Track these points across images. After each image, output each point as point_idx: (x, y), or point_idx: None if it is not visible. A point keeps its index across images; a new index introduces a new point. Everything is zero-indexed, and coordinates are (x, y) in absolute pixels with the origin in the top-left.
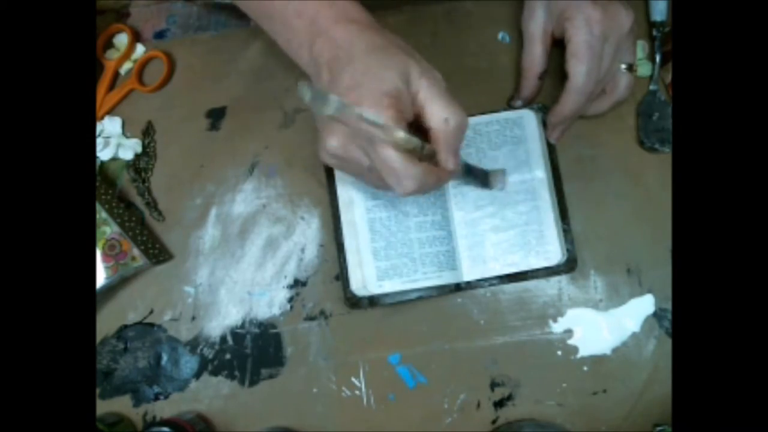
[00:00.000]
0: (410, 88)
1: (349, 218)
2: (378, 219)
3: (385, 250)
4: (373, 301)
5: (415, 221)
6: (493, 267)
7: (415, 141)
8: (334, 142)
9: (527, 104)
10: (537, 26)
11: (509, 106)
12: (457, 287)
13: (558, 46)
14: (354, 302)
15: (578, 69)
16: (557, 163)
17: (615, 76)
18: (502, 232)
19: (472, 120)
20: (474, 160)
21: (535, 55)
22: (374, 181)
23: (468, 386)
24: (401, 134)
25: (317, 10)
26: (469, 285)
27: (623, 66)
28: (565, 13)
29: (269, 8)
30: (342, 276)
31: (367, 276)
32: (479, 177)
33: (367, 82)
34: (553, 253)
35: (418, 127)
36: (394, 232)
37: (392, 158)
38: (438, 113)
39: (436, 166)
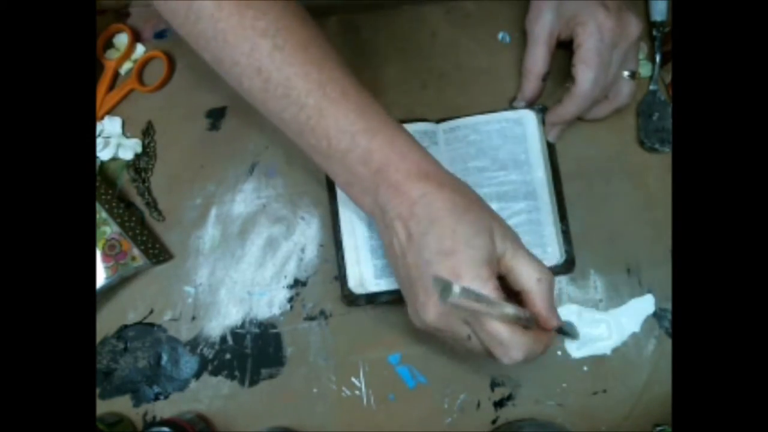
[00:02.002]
0: (497, 250)
1: (347, 216)
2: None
3: (382, 248)
4: (370, 298)
5: None
6: None
7: (522, 312)
8: (432, 316)
9: (529, 105)
10: (543, 27)
11: (511, 107)
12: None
13: (561, 47)
14: (351, 299)
15: (586, 75)
16: (557, 164)
17: (618, 83)
18: None
19: (472, 119)
20: (474, 159)
21: (539, 57)
22: (474, 347)
23: (468, 386)
24: (511, 310)
25: (386, 162)
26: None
27: (626, 73)
28: (577, 17)
29: (326, 149)
30: (340, 273)
31: (364, 273)
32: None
33: (461, 250)
34: (551, 253)
35: (503, 288)
36: None
37: (500, 331)
38: (530, 275)
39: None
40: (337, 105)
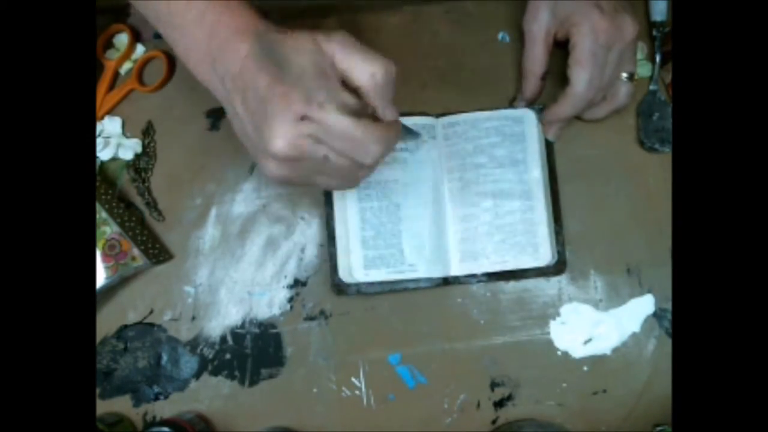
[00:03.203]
0: (326, 57)
1: (341, 205)
2: (369, 208)
3: (373, 239)
4: (359, 288)
5: (406, 213)
6: (482, 263)
7: (352, 99)
8: (280, 143)
9: (530, 105)
10: (540, 27)
11: (511, 107)
12: (445, 281)
13: (559, 47)
14: (340, 289)
15: (580, 76)
16: (554, 165)
17: (615, 84)
18: (495, 229)
19: (472, 116)
20: (471, 156)
21: (537, 56)
22: (334, 166)
23: (468, 386)
24: (346, 96)
25: (217, 20)
26: (457, 279)
27: (624, 75)
28: (572, 18)
29: (166, 14)
30: (331, 263)
31: (353, 263)
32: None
33: (285, 74)
34: (543, 254)
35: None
36: (385, 222)
37: (349, 126)
38: (363, 70)
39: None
40: None
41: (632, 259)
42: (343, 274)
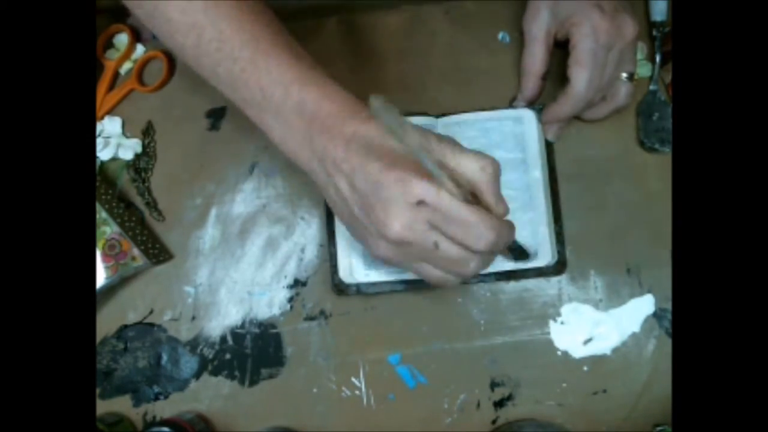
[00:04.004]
0: (436, 152)
1: None
2: None
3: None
4: (359, 289)
5: None
6: None
7: (467, 190)
8: (397, 226)
9: (530, 105)
10: (540, 27)
11: (511, 107)
12: None
13: (559, 47)
14: (341, 289)
15: (580, 76)
16: (554, 165)
17: (615, 84)
18: None
19: (472, 116)
20: None
21: (537, 56)
22: (445, 253)
23: (468, 386)
24: (453, 183)
25: (318, 109)
26: None
27: (624, 75)
28: (572, 18)
29: (261, 101)
30: (331, 263)
31: (354, 264)
32: (517, 249)
33: (401, 159)
34: (543, 254)
35: None
36: None
37: (465, 210)
38: (471, 166)
39: None
40: (270, 57)
41: (632, 259)
42: (344, 275)
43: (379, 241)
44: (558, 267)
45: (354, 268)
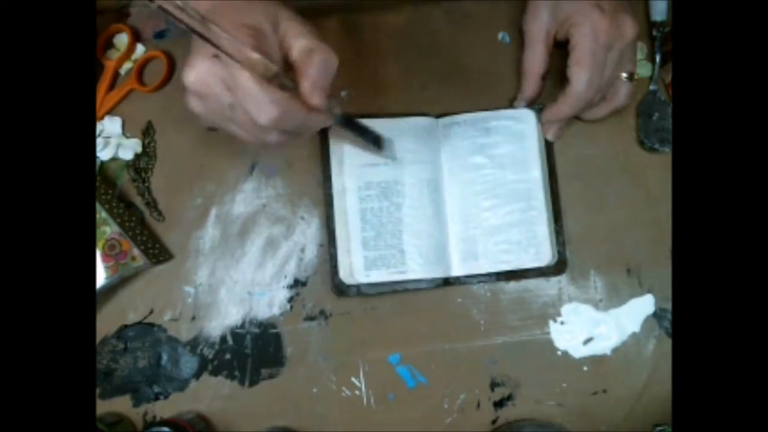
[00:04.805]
0: (278, 31)
1: (341, 206)
2: (370, 209)
3: (374, 240)
4: (359, 290)
5: (406, 213)
6: (483, 264)
7: (270, 66)
8: (192, 76)
9: (530, 105)
10: (539, 27)
11: (511, 107)
12: (446, 282)
13: (559, 47)
14: (341, 290)
15: (580, 76)
16: (554, 164)
17: (615, 84)
18: (495, 229)
19: (472, 116)
20: (471, 156)
21: (537, 56)
22: (236, 117)
23: (468, 386)
24: (254, 55)
25: None
26: (458, 280)
27: (624, 75)
28: (572, 18)
29: None
30: (331, 263)
31: (354, 264)
32: (367, 137)
33: (228, 13)
34: (543, 254)
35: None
36: (385, 222)
37: (250, 83)
38: (302, 46)
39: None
40: None
41: (632, 259)
42: (344, 275)
43: (186, 90)
44: (558, 267)
45: (354, 269)
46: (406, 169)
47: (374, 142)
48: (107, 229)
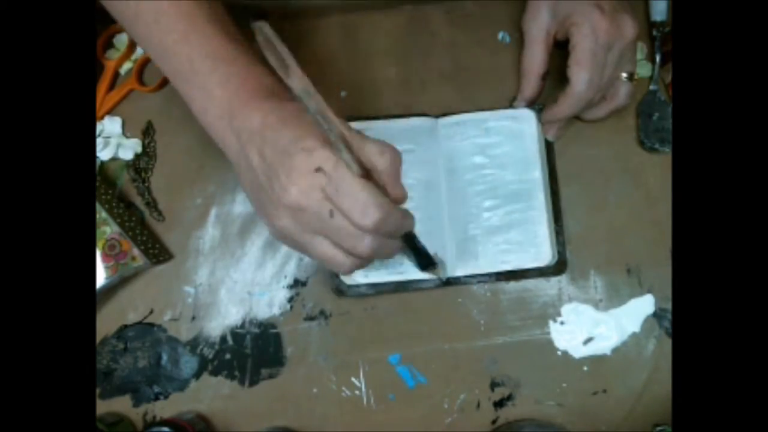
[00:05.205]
0: (339, 131)
1: None
2: None
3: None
4: (358, 290)
5: None
6: (482, 264)
7: (365, 168)
8: (293, 194)
9: (530, 105)
10: (539, 27)
11: (511, 107)
12: (446, 282)
13: (559, 47)
14: (341, 291)
15: (580, 76)
16: (554, 165)
17: (615, 84)
18: (495, 229)
19: (472, 116)
20: (471, 156)
21: (537, 56)
22: (334, 234)
23: (468, 386)
24: (353, 158)
25: (242, 84)
26: (458, 280)
27: (624, 75)
28: (572, 17)
29: (188, 72)
30: None
31: None
32: (420, 252)
33: (312, 134)
34: (543, 254)
35: None
36: None
37: (356, 184)
38: (373, 148)
39: None
40: (203, 33)
41: (632, 259)
42: (343, 277)
43: (278, 209)
44: (558, 267)
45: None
46: (405, 169)
47: (424, 264)
48: (107, 229)
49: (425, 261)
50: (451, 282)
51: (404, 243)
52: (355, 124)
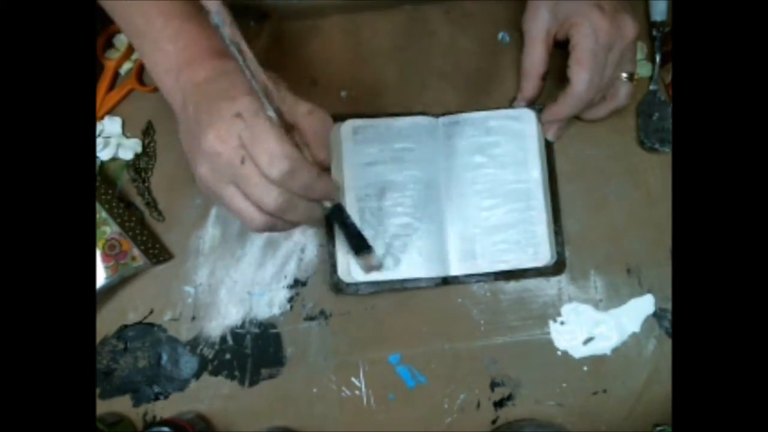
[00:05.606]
0: (281, 94)
1: None
2: (368, 209)
3: (372, 239)
4: (356, 288)
5: (405, 212)
6: (481, 263)
7: (287, 122)
8: (211, 134)
9: (530, 105)
10: (539, 27)
11: (511, 107)
12: (444, 281)
13: (559, 47)
14: (339, 288)
15: (581, 76)
16: (554, 164)
17: (615, 85)
18: (494, 229)
19: (472, 116)
20: (471, 155)
21: (537, 57)
22: (245, 178)
23: (468, 386)
24: (275, 110)
25: (192, 40)
26: (456, 279)
27: (624, 75)
28: (572, 18)
29: (143, 27)
30: (330, 261)
31: (353, 263)
32: (351, 230)
33: (242, 92)
34: (542, 254)
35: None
36: (384, 222)
37: (269, 134)
38: (302, 108)
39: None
40: None
41: (632, 259)
42: (342, 274)
43: (199, 155)
44: (557, 267)
45: (352, 268)
46: (405, 168)
47: (356, 246)
48: (107, 229)
49: (357, 243)
50: (449, 281)
51: (332, 217)
52: (355, 122)
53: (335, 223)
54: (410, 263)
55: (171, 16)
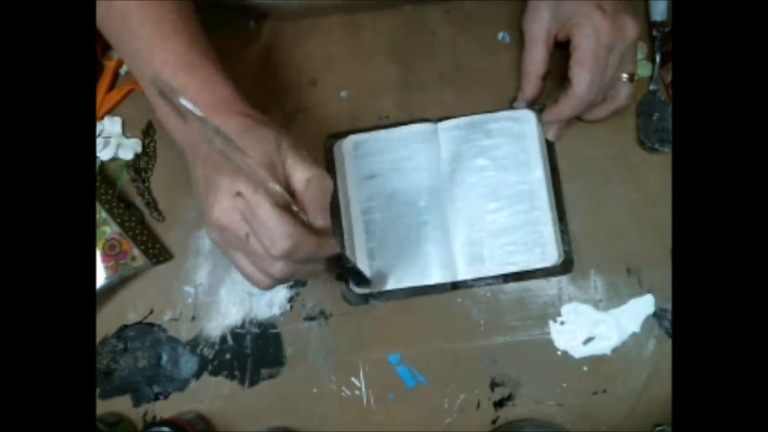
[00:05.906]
0: (281, 158)
1: (345, 220)
2: (373, 221)
3: (379, 250)
4: (366, 298)
5: (410, 221)
6: (489, 267)
7: (286, 196)
8: (216, 213)
9: (530, 105)
10: (540, 28)
11: (511, 107)
12: (453, 286)
13: (559, 47)
14: (349, 299)
15: (582, 77)
16: (556, 164)
17: (616, 85)
18: (500, 231)
19: (472, 118)
20: (473, 158)
21: (538, 57)
22: (251, 255)
23: (468, 386)
24: (272, 184)
25: (197, 95)
26: (465, 284)
27: (625, 76)
28: (573, 18)
29: (152, 78)
30: (342, 273)
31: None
32: (352, 272)
33: (239, 137)
34: (549, 254)
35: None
36: (389, 232)
37: (268, 213)
38: (300, 176)
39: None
40: (167, 41)
41: (632, 259)
42: (352, 284)
43: (208, 221)
44: (565, 266)
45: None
46: (407, 178)
47: (357, 282)
48: (107, 229)
49: (358, 280)
50: (458, 286)
51: (337, 263)
52: (355, 137)
53: (343, 265)
54: (419, 271)
55: (178, 68)
